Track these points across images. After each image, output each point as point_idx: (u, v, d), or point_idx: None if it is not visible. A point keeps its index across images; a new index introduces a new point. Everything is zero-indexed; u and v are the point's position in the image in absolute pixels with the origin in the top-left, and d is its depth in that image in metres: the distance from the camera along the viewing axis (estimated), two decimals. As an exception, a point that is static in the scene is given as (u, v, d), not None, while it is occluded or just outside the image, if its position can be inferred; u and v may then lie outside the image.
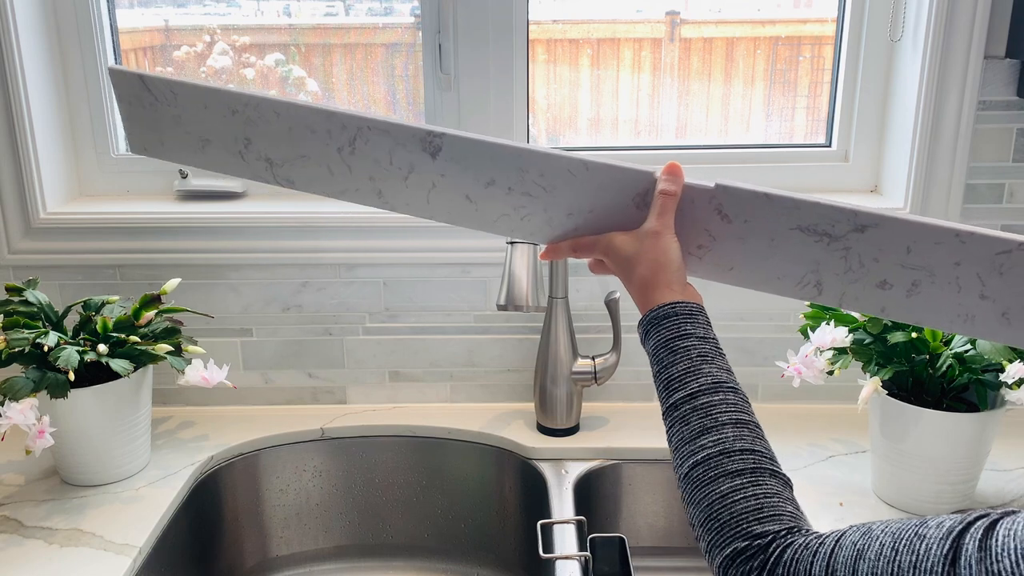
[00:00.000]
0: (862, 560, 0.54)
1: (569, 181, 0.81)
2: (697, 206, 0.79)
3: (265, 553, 1.39)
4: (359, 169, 0.83)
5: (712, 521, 0.65)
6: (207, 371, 1.26)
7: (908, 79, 1.31)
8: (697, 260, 0.82)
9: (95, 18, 1.35)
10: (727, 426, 0.69)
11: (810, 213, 0.76)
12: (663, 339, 0.75)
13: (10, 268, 1.36)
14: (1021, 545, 0.46)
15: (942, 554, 0.50)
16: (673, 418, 0.72)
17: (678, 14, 1.40)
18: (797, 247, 0.77)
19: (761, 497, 0.65)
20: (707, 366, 0.72)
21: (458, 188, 0.83)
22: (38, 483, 1.23)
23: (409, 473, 1.40)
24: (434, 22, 1.35)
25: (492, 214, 0.83)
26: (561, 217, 0.82)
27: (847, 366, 1.13)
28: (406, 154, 0.82)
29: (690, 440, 0.70)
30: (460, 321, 1.41)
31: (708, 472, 0.67)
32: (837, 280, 0.77)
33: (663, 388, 0.74)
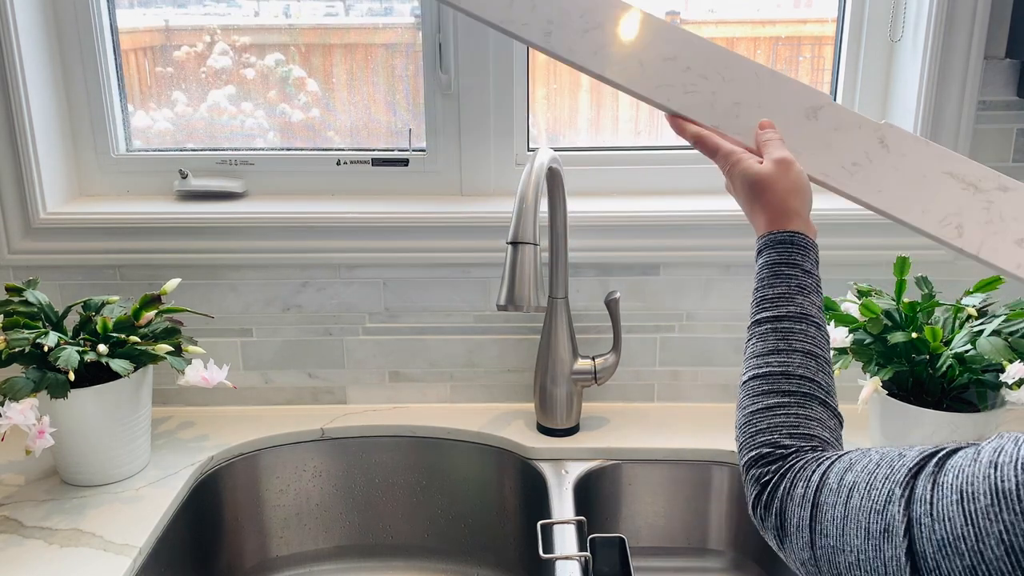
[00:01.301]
0: (850, 471, 0.60)
1: (751, 81, 0.89)
2: (864, 130, 0.87)
3: (265, 553, 1.39)
4: (543, 10, 0.90)
5: (749, 426, 0.71)
6: (207, 371, 1.26)
7: (908, 79, 1.31)
8: (848, 176, 0.86)
9: (95, 18, 1.35)
10: (797, 353, 0.73)
11: (962, 164, 0.83)
12: (772, 261, 0.79)
13: (10, 268, 1.36)
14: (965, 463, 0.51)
15: (909, 468, 0.55)
16: (754, 332, 0.77)
17: (678, 14, 1.40)
18: (946, 189, 0.83)
19: (802, 418, 0.70)
20: (801, 297, 0.76)
21: (634, 54, 0.90)
22: (38, 483, 1.23)
23: (409, 473, 1.40)
24: (434, 22, 1.35)
25: (656, 80, 0.89)
26: (727, 103, 0.88)
27: (847, 366, 1.13)
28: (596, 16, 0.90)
29: (760, 355, 0.74)
30: (460, 321, 1.41)
31: (763, 385, 0.72)
32: (979, 228, 0.82)
33: (756, 304, 0.78)
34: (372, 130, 1.44)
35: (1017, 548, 0.46)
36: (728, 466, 1.31)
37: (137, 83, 1.44)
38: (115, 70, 1.40)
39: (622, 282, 1.38)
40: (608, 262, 1.38)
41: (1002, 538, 0.47)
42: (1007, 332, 1.07)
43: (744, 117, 0.88)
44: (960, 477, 0.50)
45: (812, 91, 0.89)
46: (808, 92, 0.89)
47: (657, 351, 1.42)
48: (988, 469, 0.49)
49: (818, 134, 0.88)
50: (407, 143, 1.42)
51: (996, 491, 0.48)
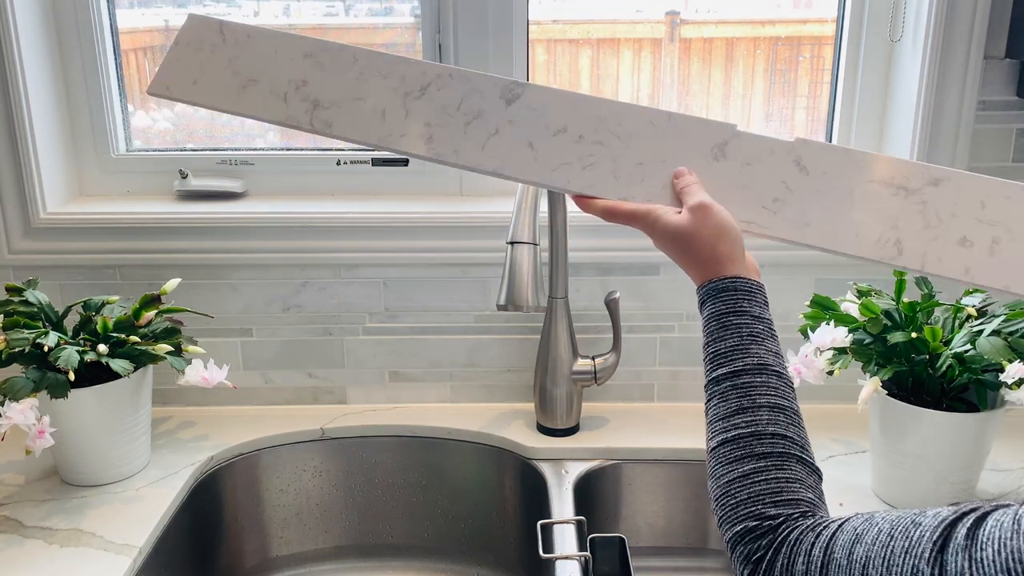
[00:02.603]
0: (859, 544, 0.56)
1: (648, 130, 0.83)
2: (777, 155, 0.81)
3: (265, 553, 1.39)
4: (418, 114, 0.85)
5: (729, 498, 0.66)
6: (207, 371, 1.26)
7: (908, 79, 1.31)
8: (771, 215, 0.81)
9: (95, 18, 1.35)
10: (763, 409, 0.69)
11: (887, 167, 0.78)
12: (717, 312, 0.74)
13: (10, 268, 1.36)
14: (1005, 535, 0.47)
15: (932, 540, 0.51)
16: (713, 392, 0.72)
17: (678, 14, 1.40)
18: (875, 202, 0.78)
19: (782, 481, 0.66)
20: (756, 346, 0.72)
21: (523, 135, 0.84)
22: (38, 483, 1.23)
23: (409, 473, 1.40)
24: (434, 22, 1.35)
25: (552, 162, 0.84)
26: (630, 167, 0.83)
27: (847, 366, 1.13)
28: (479, 101, 0.84)
29: (724, 417, 0.70)
30: (460, 321, 1.41)
31: (735, 451, 0.68)
32: (918, 238, 0.77)
33: (709, 361, 0.74)
34: (372, 130, 1.44)
35: None
36: (728, 466, 1.31)
37: (137, 83, 1.44)
38: (115, 70, 1.40)
39: (622, 282, 1.38)
40: (608, 262, 1.38)
41: None
42: (1007, 332, 1.07)
43: (650, 178, 0.82)
44: (1004, 552, 0.46)
45: (714, 125, 0.83)
46: (710, 128, 0.83)
47: (657, 351, 1.42)
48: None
49: (730, 174, 0.82)
50: (407, 143, 1.42)
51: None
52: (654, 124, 0.83)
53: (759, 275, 0.79)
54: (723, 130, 0.82)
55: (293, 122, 0.85)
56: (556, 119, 0.84)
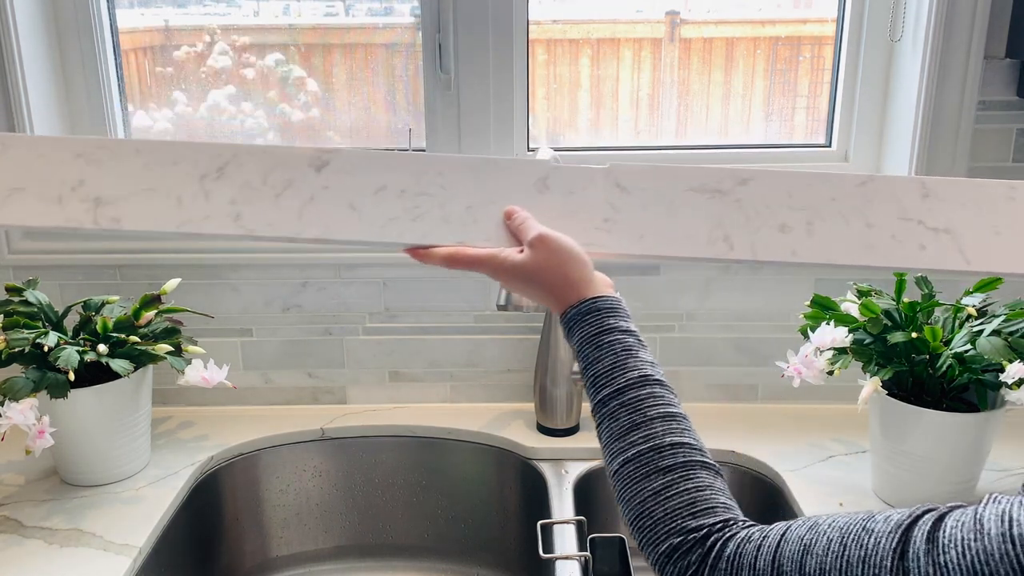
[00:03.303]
0: (809, 555, 0.54)
1: (470, 176, 0.85)
2: (596, 183, 0.85)
3: (265, 553, 1.39)
4: (220, 194, 0.83)
5: (646, 518, 0.64)
6: (207, 371, 1.26)
7: (908, 79, 1.31)
8: (607, 234, 0.84)
9: (95, 18, 1.35)
10: (656, 420, 0.68)
11: (698, 175, 0.84)
12: (587, 335, 0.74)
13: (10, 268, 1.36)
14: (967, 535, 0.46)
15: (891, 547, 0.50)
16: (602, 415, 0.71)
17: (678, 14, 1.40)
18: (695, 206, 0.83)
19: (693, 491, 0.64)
20: (633, 360, 0.72)
21: (342, 198, 0.84)
22: (38, 483, 1.23)
23: (409, 473, 1.40)
24: (434, 22, 1.35)
25: (379, 220, 0.83)
26: (460, 211, 0.84)
27: (847, 366, 1.13)
28: (285, 172, 0.84)
29: (619, 437, 0.69)
30: (460, 321, 1.41)
31: (640, 469, 0.66)
32: (742, 231, 0.83)
33: (591, 385, 0.73)
34: (372, 130, 1.44)
35: None
36: (728, 466, 1.31)
37: (137, 83, 1.44)
38: (115, 70, 1.40)
39: (622, 282, 1.38)
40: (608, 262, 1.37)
41: None
42: (1007, 332, 1.06)
43: (483, 219, 0.84)
44: (968, 555, 0.46)
45: (532, 163, 0.86)
46: (529, 165, 0.86)
47: (657, 351, 1.42)
48: (1005, 545, 0.44)
49: (558, 204, 0.84)
50: (407, 143, 1.42)
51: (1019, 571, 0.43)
52: (473, 169, 0.85)
53: (614, 288, 0.79)
54: (541, 166, 0.85)
55: (74, 223, 0.82)
56: (372, 179, 0.84)
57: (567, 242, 0.79)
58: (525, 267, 0.78)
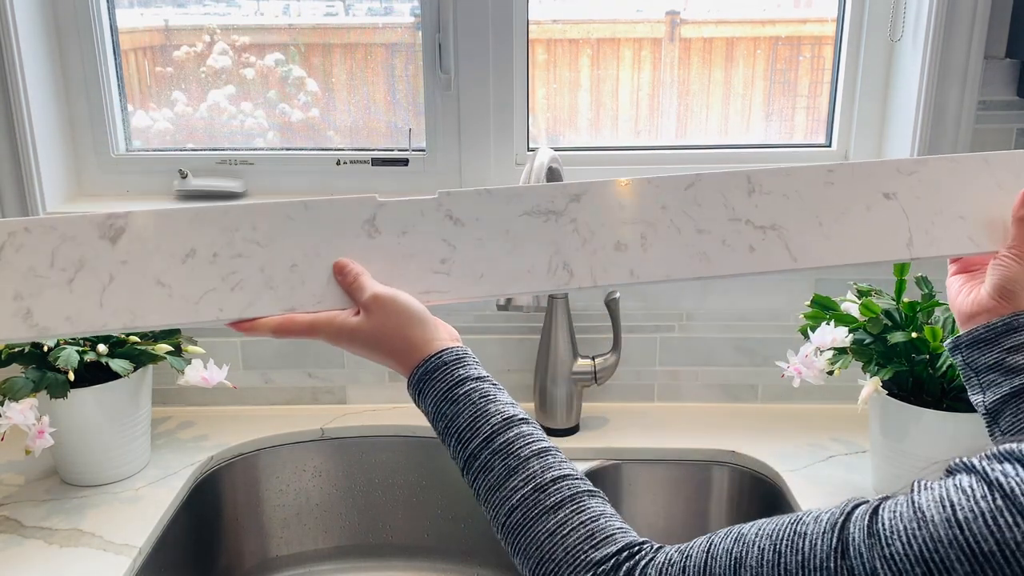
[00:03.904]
0: (742, 568, 0.52)
1: (289, 226, 0.76)
2: (428, 217, 0.78)
3: (265, 553, 1.39)
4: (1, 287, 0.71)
5: (547, 563, 0.61)
6: (207, 371, 1.26)
7: (908, 79, 1.31)
8: (446, 276, 0.79)
9: (95, 18, 1.35)
10: (531, 459, 0.65)
11: (530, 195, 0.79)
12: (439, 392, 0.71)
13: (10, 268, 1.36)
14: (910, 525, 0.46)
15: (830, 547, 0.48)
16: (475, 468, 0.67)
17: (678, 14, 1.40)
18: (532, 233, 0.79)
19: (588, 523, 0.61)
20: (492, 406, 0.69)
21: (145, 273, 0.73)
22: (38, 483, 1.23)
23: (409, 473, 1.40)
24: (434, 22, 1.35)
25: (193, 294, 0.74)
26: (284, 272, 0.76)
27: (847, 366, 1.13)
28: (75, 248, 0.72)
29: (498, 487, 0.65)
30: (460, 321, 1.40)
31: (527, 513, 0.63)
32: (579, 255, 0.79)
33: (455, 442, 0.69)
34: (372, 130, 1.44)
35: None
36: (728, 466, 1.31)
37: (137, 83, 1.44)
38: (115, 70, 1.40)
39: (622, 282, 1.38)
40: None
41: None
42: (1007, 332, 1.06)
43: (311, 279, 0.76)
44: (915, 545, 0.44)
45: (354, 201, 0.78)
46: (351, 205, 0.78)
47: (657, 351, 1.42)
48: (952, 530, 0.44)
49: (391, 248, 0.78)
50: (407, 143, 1.42)
51: (974, 555, 0.43)
52: (292, 217, 0.76)
53: (458, 339, 0.76)
54: (366, 204, 0.78)
55: None
56: (178, 243, 0.74)
57: (404, 300, 0.74)
58: (362, 332, 0.74)
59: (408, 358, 0.73)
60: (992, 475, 0.45)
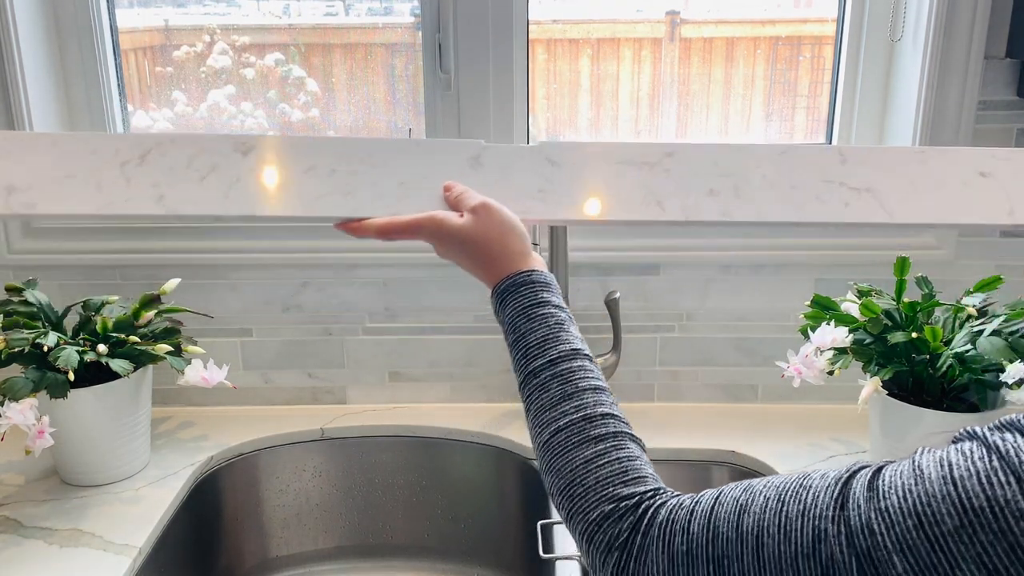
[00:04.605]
0: (746, 514, 0.53)
1: (400, 156, 0.87)
2: (527, 159, 0.88)
3: (265, 553, 1.39)
4: (142, 179, 0.85)
5: (576, 487, 0.64)
6: (207, 371, 1.25)
7: (908, 79, 1.31)
8: (541, 203, 0.87)
9: (95, 18, 1.35)
10: (587, 392, 0.68)
11: (625, 150, 0.88)
12: (521, 306, 0.74)
13: (10, 268, 1.36)
14: (907, 481, 0.47)
15: (831, 499, 0.50)
16: (532, 385, 0.71)
17: (678, 14, 1.40)
18: (626, 176, 0.87)
19: (625, 461, 0.64)
20: (564, 334, 0.72)
21: (269, 178, 0.86)
22: (38, 483, 1.22)
23: (409, 473, 1.40)
24: (434, 22, 1.35)
25: (310, 196, 0.85)
26: (392, 187, 0.85)
27: (847, 366, 1.13)
28: (210, 157, 0.85)
29: (551, 407, 0.68)
30: (460, 321, 1.41)
31: (571, 438, 0.66)
32: (672, 196, 0.86)
33: (522, 356, 0.73)
34: (372, 130, 1.44)
35: (1001, 569, 0.42)
36: (728, 466, 1.31)
37: (137, 83, 1.44)
38: (115, 70, 1.40)
39: (622, 282, 1.38)
40: (608, 262, 1.38)
41: (982, 561, 0.43)
42: (1007, 332, 1.06)
43: (415, 195, 0.85)
44: (910, 499, 0.46)
45: (463, 143, 0.89)
46: (461, 145, 0.89)
47: (657, 351, 1.42)
48: (946, 487, 0.45)
49: (492, 179, 0.87)
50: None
51: (964, 510, 0.44)
52: (404, 150, 0.87)
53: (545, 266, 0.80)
54: (472, 146, 0.88)
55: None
56: (301, 160, 0.86)
57: (509, 214, 0.79)
58: (465, 232, 0.78)
59: (500, 265, 0.77)
60: (991, 440, 0.46)
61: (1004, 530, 0.42)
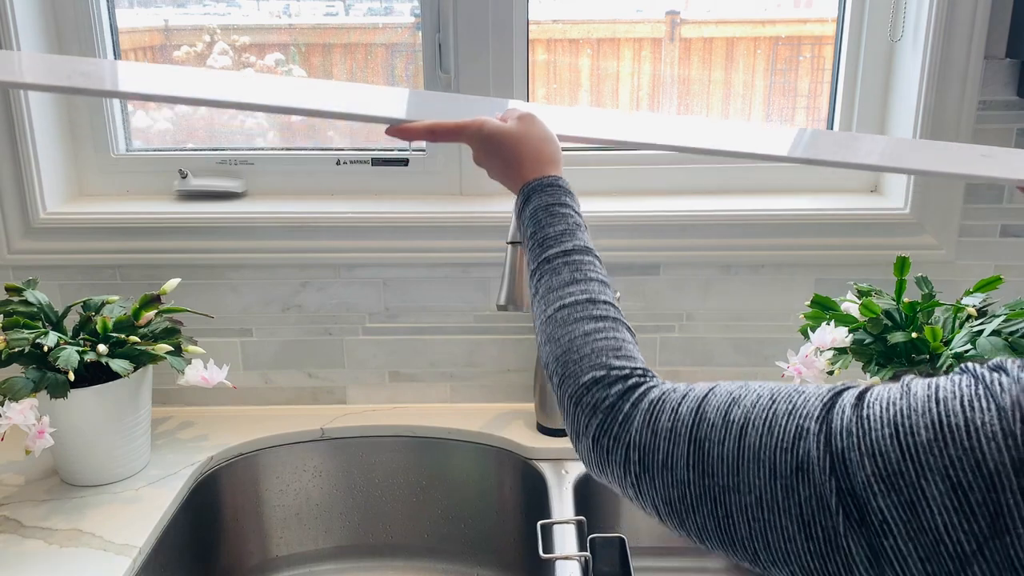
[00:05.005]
0: (736, 406, 0.56)
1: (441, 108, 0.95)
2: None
3: (265, 553, 1.39)
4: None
5: (572, 354, 0.68)
6: (207, 371, 1.26)
7: (908, 79, 1.31)
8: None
9: (95, 18, 1.35)
10: (594, 282, 0.74)
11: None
12: (545, 203, 0.80)
13: (10, 268, 1.36)
14: (894, 395, 0.49)
15: (820, 403, 0.52)
16: (544, 269, 0.76)
17: (678, 14, 1.40)
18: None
19: (620, 341, 0.69)
20: (580, 233, 0.78)
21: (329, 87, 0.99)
22: (38, 483, 1.23)
23: (409, 473, 1.40)
24: (434, 22, 1.35)
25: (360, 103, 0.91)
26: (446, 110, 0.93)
27: (847, 366, 1.13)
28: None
29: (559, 288, 0.74)
30: (460, 321, 1.41)
31: (574, 314, 0.71)
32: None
33: (539, 244, 0.78)
34: (372, 129, 1.44)
35: (964, 484, 0.44)
36: (728, 466, 1.31)
37: (137, 83, 1.43)
38: (115, 70, 1.40)
39: (622, 282, 1.38)
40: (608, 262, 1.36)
41: (948, 474, 0.45)
42: (1007, 332, 1.06)
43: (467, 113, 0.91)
44: (892, 410, 0.48)
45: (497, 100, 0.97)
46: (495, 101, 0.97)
47: (657, 351, 1.42)
48: (928, 404, 0.47)
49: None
50: (407, 143, 1.41)
51: (940, 425, 0.46)
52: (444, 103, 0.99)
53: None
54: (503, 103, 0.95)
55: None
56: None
57: (547, 127, 0.86)
58: (506, 132, 0.84)
59: (532, 167, 0.83)
60: (980, 372, 0.48)
61: (973, 448, 0.44)
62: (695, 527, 0.57)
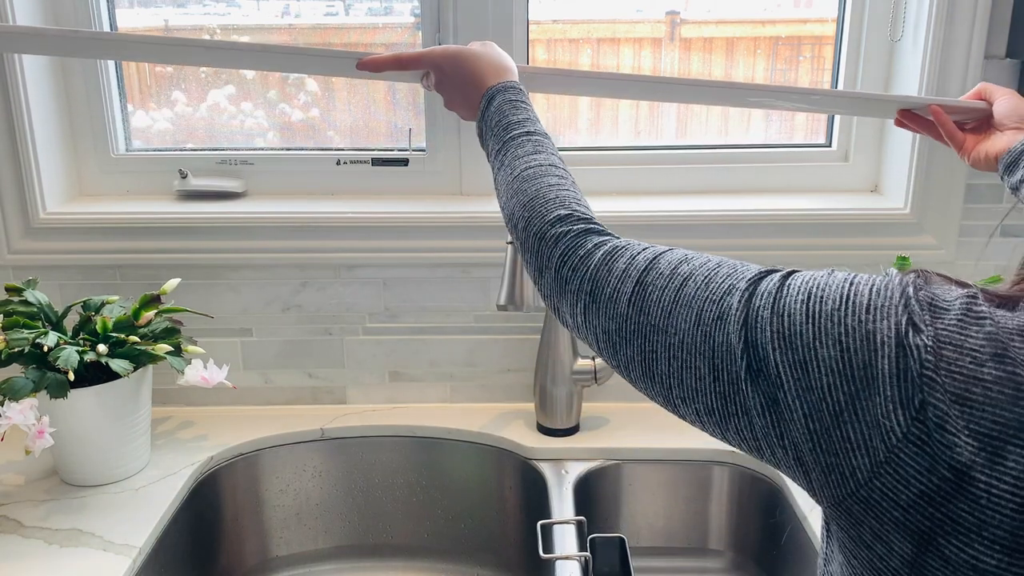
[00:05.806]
0: (685, 264, 0.61)
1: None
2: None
3: (265, 553, 1.39)
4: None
5: (539, 199, 0.76)
6: (207, 371, 1.26)
7: (908, 79, 1.31)
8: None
9: (95, 18, 1.35)
10: (553, 156, 0.82)
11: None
12: (508, 99, 0.87)
13: (10, 268, 1.36)
14: (817, 274, 0.54)
15: (757, 271, 0.57)
16: (511, 146, 0.83)
17: (678, 14, 1.40)
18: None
19: (580, 194, 0.77)
20: (539, 126, 0.85)
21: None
22: (38, 483, 1.23)
23: (409, 473, 1.40)
24: (434, 22, 1.35)
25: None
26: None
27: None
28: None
29: (524, 156, 0.81)
30: (460, 321, 1.41)
31: (539, 171, 0.79)
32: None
33: (502, 129, 0.85)
34: (372, 130, 1.44)
35: (851, 351, 0.48)
36: (728, 466, 1.31)
37: (137, 83, 1.44)
38: (115, 70, 1.40)
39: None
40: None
41: (840, 340, 0.49)
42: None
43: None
44: (811, 283, 0.52)
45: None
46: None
47: (657, 351, 1.42)
48: (844, 284, 0.51)
49: None
50: (407, 143, 1.42)
51: (846, 299, 0.50)
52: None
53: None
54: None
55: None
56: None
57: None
58: (467, 49, 0.92)
59: (495, 75, 0.90)
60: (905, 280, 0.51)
61: (866, 321, 0.48)
62: (624, 358, 0.63)
